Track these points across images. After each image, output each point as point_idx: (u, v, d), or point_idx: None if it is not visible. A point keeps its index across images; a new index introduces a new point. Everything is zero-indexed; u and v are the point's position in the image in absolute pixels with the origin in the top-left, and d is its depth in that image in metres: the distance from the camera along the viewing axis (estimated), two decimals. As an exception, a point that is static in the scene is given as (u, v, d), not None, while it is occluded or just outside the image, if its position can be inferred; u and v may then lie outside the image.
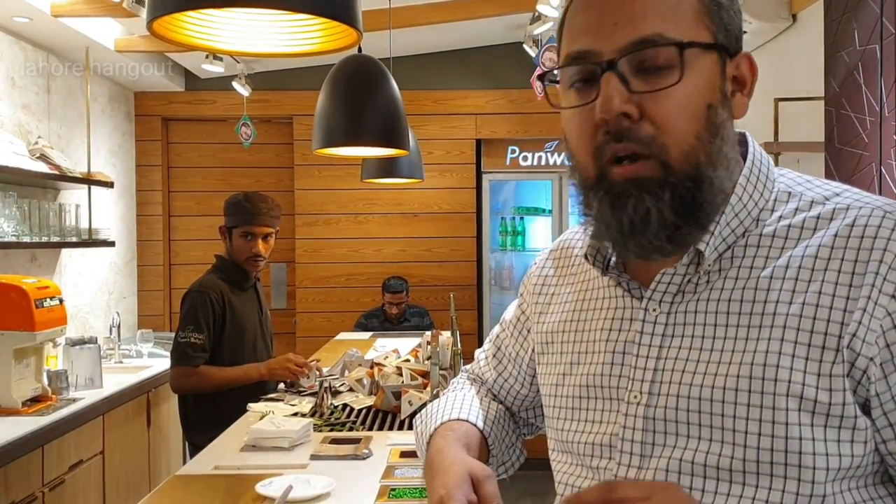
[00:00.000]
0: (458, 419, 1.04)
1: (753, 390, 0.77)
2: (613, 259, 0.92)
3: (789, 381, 0.76)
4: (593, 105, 0.81)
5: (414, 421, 1.16)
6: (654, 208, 0.79)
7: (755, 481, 0.77)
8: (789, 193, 0.87)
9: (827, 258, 0.79)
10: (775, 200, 0.86)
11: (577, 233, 1.06)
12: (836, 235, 0.80)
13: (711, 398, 0.79)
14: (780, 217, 0.85)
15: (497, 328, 1.18)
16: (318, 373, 3.06)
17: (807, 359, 0.77)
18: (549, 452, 0.99)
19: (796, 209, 0.85)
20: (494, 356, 1.16)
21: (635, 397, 0.85)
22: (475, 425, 1.04)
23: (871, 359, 0.75)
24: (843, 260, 0.78)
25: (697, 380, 0.81)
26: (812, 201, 0.85)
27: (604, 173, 0.82)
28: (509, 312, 1.15)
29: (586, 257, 0.94)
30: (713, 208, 0.83)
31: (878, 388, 0.76)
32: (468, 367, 1.23)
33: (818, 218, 0.82)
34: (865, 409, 0.77)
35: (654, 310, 0.86)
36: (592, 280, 0.97)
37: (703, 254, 0.83)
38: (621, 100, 0.79)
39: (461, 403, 1.08)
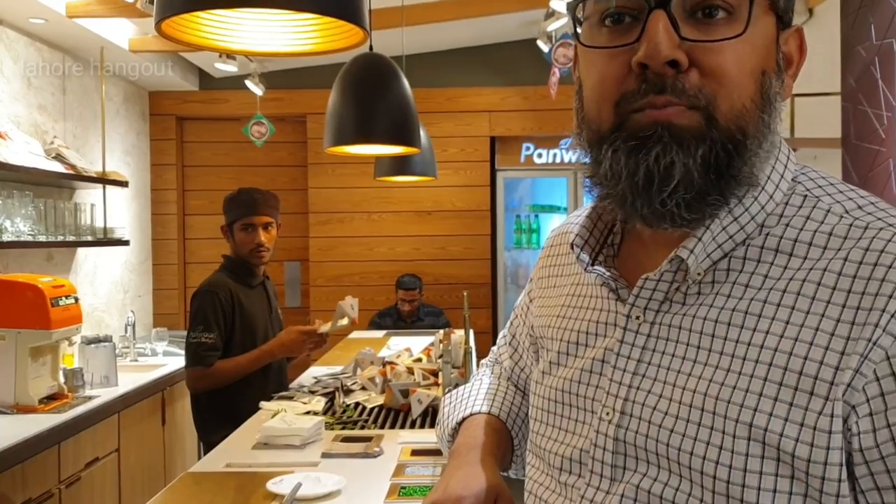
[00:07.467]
0: (489, 413, 1.04)
1: (727, 432, 0.68)
2: (600, 259, 0.85)
3: (766, 430, 0.66)
4: (629, 48, 0.69)
5: (442, 401, 1.14)
6: (680, 163, 0.68)
7: None
8: (805, 196, 0.75)
9: (832, 287, 0.67)
10: (787, 204, 0.74)
11: (579, 216, 0.93)
12: (845, 260, 0.67)
13: (684, 433, 0.70)
14: (788, 226, 0.73)
15: (512, 314, 1.14)
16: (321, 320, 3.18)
17: (791, 405, 0.65)
18: (526, 453, 0.96)
19: (808, 217, 0.72)
20: (510, 343, 1.12)
21: (607, 414, 0.77)
22: (502, 421, 1.04)
23: (854, 407, 0.64)
24: (849, 292, 0.66)
25: (673, 409, 0.72)
26: (829, 211, 0.72)
27: (623, 122, 0.71)
28: (520, 298, 1.11)
29: (572, 247, 0.84)
30: (740, 190, 0.72)
31: (864, 441, 0.64)
32: (494, 348, 1.21)
33: (830, 235, 0.70)
34: (849, 467, 0.65)
35: (638, 317, 0.77)
36: (584, 274, 0.86)
37: (685, 262, 0.73)
38: (671, 45, 0.67)
39: (493, 395, 1.07)
